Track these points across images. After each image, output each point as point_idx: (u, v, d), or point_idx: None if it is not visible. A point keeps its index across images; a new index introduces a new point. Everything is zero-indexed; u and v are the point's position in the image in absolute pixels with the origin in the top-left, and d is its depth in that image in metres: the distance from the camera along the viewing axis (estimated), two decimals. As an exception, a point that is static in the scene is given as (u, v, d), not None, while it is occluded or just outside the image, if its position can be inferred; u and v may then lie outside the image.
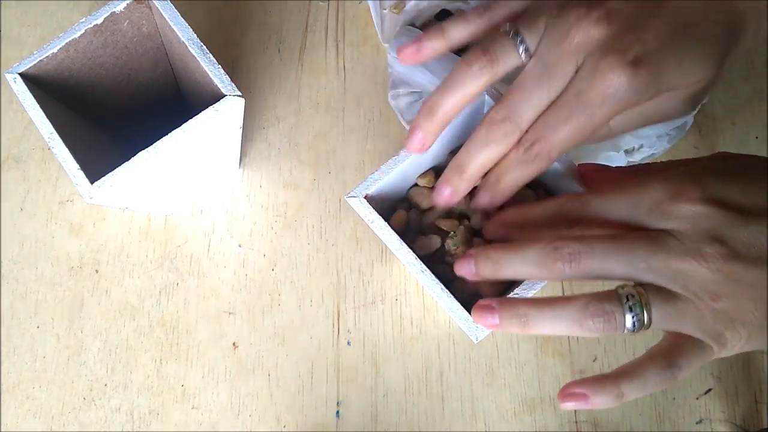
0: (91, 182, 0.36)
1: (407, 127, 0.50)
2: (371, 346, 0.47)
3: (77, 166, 0.37)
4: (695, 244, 0.28)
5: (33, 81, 0.39)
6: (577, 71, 0.32)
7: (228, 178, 0.51)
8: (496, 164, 0.35)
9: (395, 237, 0.37)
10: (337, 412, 0.46)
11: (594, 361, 0.47)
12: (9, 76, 0.38)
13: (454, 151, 0.43)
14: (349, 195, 0.38)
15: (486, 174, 0.36)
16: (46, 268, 0.49)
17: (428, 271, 0.36)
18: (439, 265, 0.40)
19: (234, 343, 0.47)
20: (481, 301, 0.32)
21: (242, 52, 0.54)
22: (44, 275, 0.49)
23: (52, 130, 0.37)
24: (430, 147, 0.37)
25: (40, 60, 0.39)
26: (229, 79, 0.38)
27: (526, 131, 0.33)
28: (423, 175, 0.42)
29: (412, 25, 0.50)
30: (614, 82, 0.30)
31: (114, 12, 0.40)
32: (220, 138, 0.41)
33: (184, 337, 0.48)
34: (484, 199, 0.36)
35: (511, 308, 0.31)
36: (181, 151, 0.39)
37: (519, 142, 0.33)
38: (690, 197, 0.29)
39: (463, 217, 0.41)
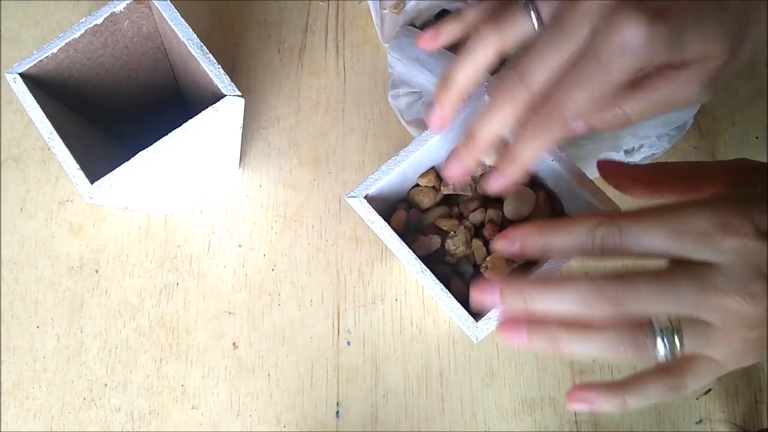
0: (91, 182, 0.36)
1: (407, 128, 0.50)
2: (371, 346, 0.47)
3: (77, 166, 0.37)
4: (742, 281, 0.27)
5: (33, 81, 0.39)
6: (593, 32, 0.30)
7: (228, 178, 0.51)
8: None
9: (395, 237, 0.37)
10: (337, 412, 0.46)
11: (594, 361, 0.47)
12: (9, 76, 0.38)
13: None
14: (349, 195, 0.38)
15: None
16: (46, 268, 0.49)
17: (428, 271, 0.36)
18: (439, 265, 0.40)
19: (234, 343, 0.47)
20: (509, 318, 0.31)
21: (242, 52, 0.54)
22: (44, 275, 0.49)
23: (52, 130, 0.37)
24: (450, 121, 0.36)
25: (40, 60, 0.39)
26: (229, 79, 0.38)
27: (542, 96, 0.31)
28: (423, 174, 0.42)
29: (412, 25, 0.50)
30: (631, 33, 0.28)
31: (114, 12, 0.40)
32: (220, 138, 0.41)
33: (184, 337, 0.48)
34: (496, 179, 0.33)
35: (542, 330, 0.30)
36: (181, 151, 0.39)
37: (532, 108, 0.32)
38: (740, 231, 0.28)
39: (463, 217, 0.41)
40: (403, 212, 0.41)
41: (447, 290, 0.36)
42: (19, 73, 0.38)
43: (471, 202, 0.41)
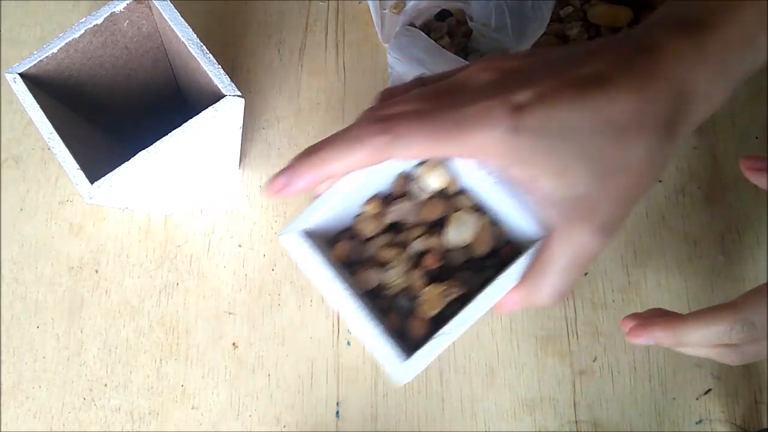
0: (91, 182, 0.36)
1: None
2: (371, 346, 0.47)
3: (77, 166, 0.37)
4: None
5: (33, 81, 0.39)
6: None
7: (228, 178, 0.51)
8: None
9: (331, 277, 0.34)
10: (337, 412, 0.46)
11: (594, 361, 0.47)
12: (9, 76, 0.38)
13: (403, 174, 0.40)
14: (282, 232, 0.35)
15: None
16: (46, 268, 0.49)
17: (364, 312, 0.34)
18: (376, 298, 0.37)
19: (234, 343, 0.47)
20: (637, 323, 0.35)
21: (242, 52, 0.54)
22: (44, 275, 0.49)
23: (52, 130, 0.37)
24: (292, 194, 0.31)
25: (40, 60, 0.39)
26: (229, 79, 0.38)
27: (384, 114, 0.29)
28: (368, 201, 0.39)
29: (412, 25, 0.50)
30: (491, 138, 0.27)
31: (114, 12, 0.40)
32: (220, 138, 0.41)
33: (184, 337, 0.47)
34: (277, 181, 0.30)
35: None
36: (181, 151, 0.39)
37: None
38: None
39: (406, 245, 0.38)
40: (345, 243, 0.38)
41: (381, 326, 0.34)
42: (19, 73, 0.38)
43: (415, 228, 0.38)
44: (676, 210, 0.50)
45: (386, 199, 0.40)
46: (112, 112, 0.46)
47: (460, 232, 0.38)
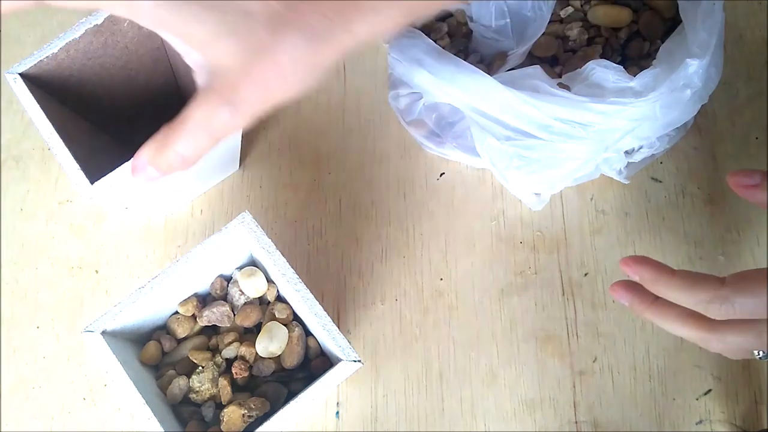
0: (91, 182, 0.36)
1: (407, 128, 0.50)
2: (371, 346, 0.47)
3: (77, 166, 0.37)
4: None
5: (33, 81, 0.39)
6: None
7: (228, 178, 0.51)
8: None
9: (131, 383, 0.34)
10: (337, 412, 0.46)
11: (594, 361, 0.47)
12: (9, 76, 0.38)
13: (222, 276, 0.41)
14: (87, 329, 0.36)
15: None
16: (46, 268, 0.49)
17: (167, 422, 0.34)
18: (182, 405, 0.37)
19: (234, 343, 0.47)
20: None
21: (242, 52, 0.54)
22: (44, 275, 0.49)
23: (52, 130, 0.37)
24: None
25: (40, 60, 0.39)
26: (229, 79, 0.38)
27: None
28: (184, 302, 0.39)
29: (412, 25, 0.50)
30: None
31: (114, 12, 0.40)
32: (220, 138, 0.41)
33: (184, 337, 0.47)
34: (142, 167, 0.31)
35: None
36: (181, 151, 0.39)
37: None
38: None
39: (218, 350, 0.38)
40: (154, 345, 0.38)
41: None
42: (19, 73, 0.38)
43: (228, 334, 0.39)
44: (676, 210, 0.50)
45: (204, 300, 0.40)
46: (112, 112, 0.46)
47: (269, 344, 0.37)
